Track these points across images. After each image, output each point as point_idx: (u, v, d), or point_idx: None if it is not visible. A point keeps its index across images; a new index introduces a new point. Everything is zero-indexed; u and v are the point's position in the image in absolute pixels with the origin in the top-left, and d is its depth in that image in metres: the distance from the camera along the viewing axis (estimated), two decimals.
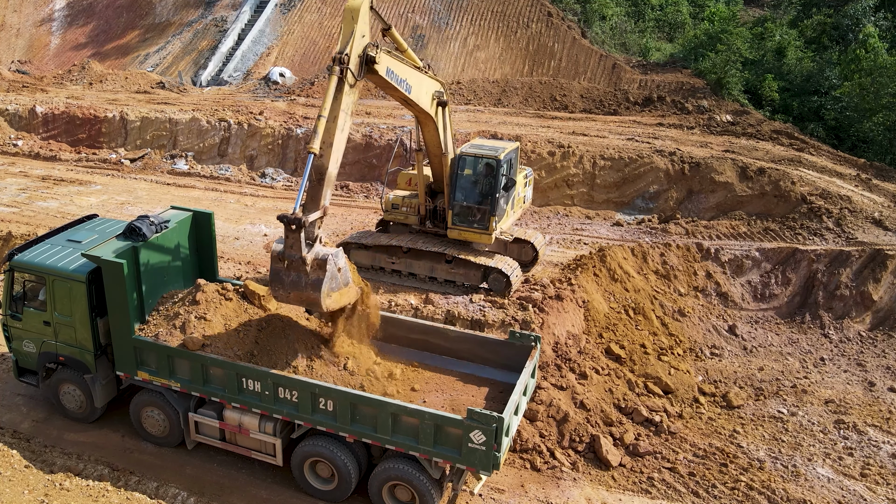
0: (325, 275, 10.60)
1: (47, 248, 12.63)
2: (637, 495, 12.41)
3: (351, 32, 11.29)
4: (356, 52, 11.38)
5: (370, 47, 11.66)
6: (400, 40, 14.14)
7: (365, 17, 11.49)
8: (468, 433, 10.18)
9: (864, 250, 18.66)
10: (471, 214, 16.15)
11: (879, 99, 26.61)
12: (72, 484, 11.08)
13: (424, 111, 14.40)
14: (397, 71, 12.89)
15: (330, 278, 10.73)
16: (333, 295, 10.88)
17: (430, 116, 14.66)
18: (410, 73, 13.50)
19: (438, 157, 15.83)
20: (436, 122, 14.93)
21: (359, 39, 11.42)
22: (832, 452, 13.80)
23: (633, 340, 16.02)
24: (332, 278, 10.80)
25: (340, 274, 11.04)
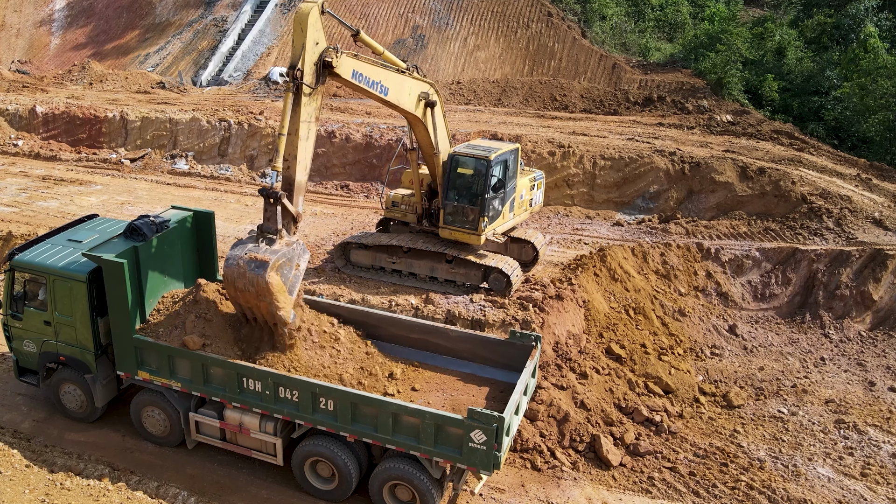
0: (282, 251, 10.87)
1: (48, 248, 12.64)
2: (637, 495, 12.41)
3: (302, 44, 11.20)
4: (310, 61, 11.27)
5: (329, 52, 11.53)
6: (373, 43, 14.01)
7: (316, 25, 11.34)
8: (469, 433, 10.18)
9: (864, 250, 18.67)
10: (462, 214, 16.10)
11: (879, 99, 26.61)
12: (72, 483, 11.08)
13: (409, 112, 14.37)
14: (367, 73, 12.81)
15: (285, 258, 10.90)
16: (277, 277, 10.77)
17: (416, 118, 14.65)
18: (386, 75, 13.40)
19: (431, 157, 15.84)
20: (424, 123, 14.90)
21: (311, 48, 11.28)
22: (832, 452, 13.81)
23: (634, 340, 16.02)
24: (288, 261, 10.97)
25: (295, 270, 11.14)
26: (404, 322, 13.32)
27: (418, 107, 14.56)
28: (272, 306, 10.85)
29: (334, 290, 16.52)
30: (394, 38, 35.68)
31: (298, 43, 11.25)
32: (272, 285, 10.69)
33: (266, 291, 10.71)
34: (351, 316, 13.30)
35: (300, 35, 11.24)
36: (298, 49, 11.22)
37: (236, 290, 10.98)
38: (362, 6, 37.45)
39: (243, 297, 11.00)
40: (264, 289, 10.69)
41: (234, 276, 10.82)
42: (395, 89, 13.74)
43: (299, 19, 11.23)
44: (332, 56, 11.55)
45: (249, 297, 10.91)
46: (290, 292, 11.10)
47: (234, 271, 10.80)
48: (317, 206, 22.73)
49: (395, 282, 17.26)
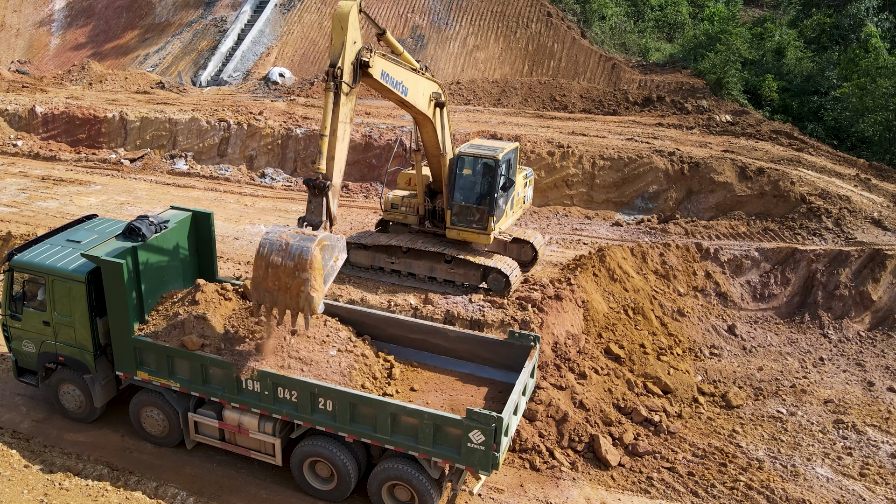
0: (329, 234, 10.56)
1: (47, 248, 12.64)
2: (636, 495, 12.42)
3: (342, 42, 11.11)
4: (349, 60, 11.23)
5: (364, 52, 11.56)
6: (395, 43, 14.12)
7: (354, 24, 11.32)
8: (467, 433, 10.19)
9: (863, 250, 18.67)
10: (469, 214, 16.17)
11: (879, 99, 26.61)
12: (71, 484, 11.09)
13: (422, 112, 14.40)
14: (392, 73, 12.86)
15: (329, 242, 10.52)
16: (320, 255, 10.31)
17: (427, 117, 14.67)
18: (406, 76, 13.49)
19: (437, 158, 15.83)
20: (434, 123, 14.93)
21: (350, 47, 11.25)
22: (831, 452, 13.81)
23: (633, 340, 16.03)
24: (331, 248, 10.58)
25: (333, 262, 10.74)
26: (403, 322, 13.32)
27: (430, 107, 14.59)
28: (307, 285, 10.20)
29: (333, 291, 16.52)
30: (394, 37, 35.68)
31: (338, 42, 11.11)
32: (315, 259, 10.16)
33: (308, 266, 10.15)
34: (350, 316, 13.30)
35: (340, 33, 11.11)
36: (338, 48, 11.08)
37: (268, 267, 10.31)
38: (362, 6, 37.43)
39: (274, 274, 10.30)
40: (306, 262, 10.13)
41: (271, 249, 10.21)
42: (413, 90, 13.80)
43: (340, 17, 11.12)
44: (367, 56, 11.53)
45: (283, 274, 10.24)
46: (325, 281, 10.57)
47: (274, 244, 10.22)
48: None
49: (394, 282, 17.27)
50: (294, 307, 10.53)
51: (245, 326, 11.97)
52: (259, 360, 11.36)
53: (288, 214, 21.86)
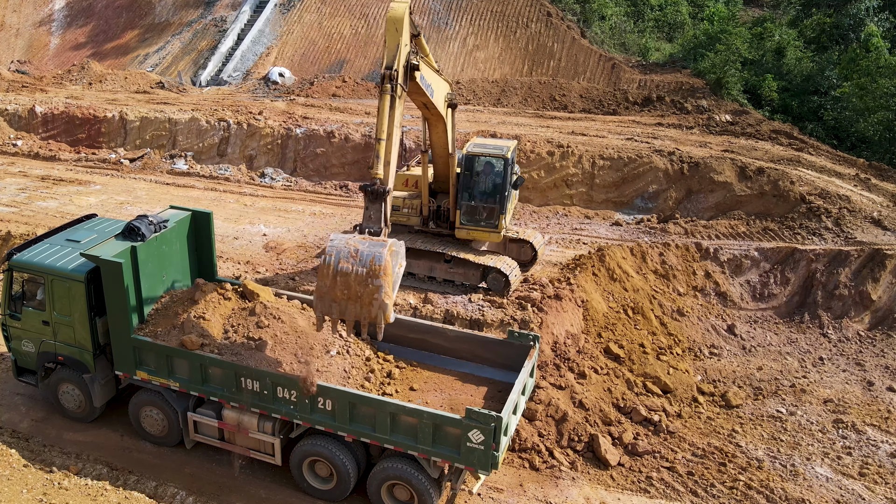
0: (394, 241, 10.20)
1: (46, 248, 12.64)
2: (636, 494, 12.42)
3: (396, 45, 10.96)
4: (402, 63, 11.10)
5: (412, 55, 11.50)
6: (425, 45, 14.02)
7: (408, 27, 11.23)
8: (467, 433, 10.19)
9: (862, 250, 18.67)
10: (479, 213, 16.22)
11: (879, 99, 26.59)
12: (70, 483, 11.08)
13: (440, 113, 14.39)
14: (427, 76, 12.90)
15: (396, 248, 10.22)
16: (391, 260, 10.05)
17: (442, 118, 14.66)
18: (434, 78, 13.57)
19: (444, 158, 15.86)
20: (446, 123, 14.96)
21: (403, 50, 11.13)
22: (831, 452, 13.81)
23: (632, 340, 16.03)
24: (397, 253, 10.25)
25: (398, 268, 10.40)
26: (403, 322, 13.31)
27: (444, 107, 14.64)
28: (381, 292, 9.90)
29: None
30: None
31: (393, 44, 10.98)
32: (388, 265, 9.90)
33: (382, 272, 9.85)
34: None
35: (395, 35, 10.97)
36: (393, 50, 10.95)
37: (336, 276, 9.95)
38: (361, 6, 37.45)
39: (343, 283, 9.94)
40: (379, 269, 9.84)
41: (339, 256, 9.90)
42: (438, 92, 13.87)
43: (395, 20, 10.98)
44: (416, 60, 11.50)
45: (354, 282, 9.91)
46: (392, 288, 10.25)
47: (342, 251, 9.92)
48: (316, 206, 22.74)
49: None
50: (366, 316, 10.13)
51: (245, 326, 11.98)
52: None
53: (287, 214, 21.86)
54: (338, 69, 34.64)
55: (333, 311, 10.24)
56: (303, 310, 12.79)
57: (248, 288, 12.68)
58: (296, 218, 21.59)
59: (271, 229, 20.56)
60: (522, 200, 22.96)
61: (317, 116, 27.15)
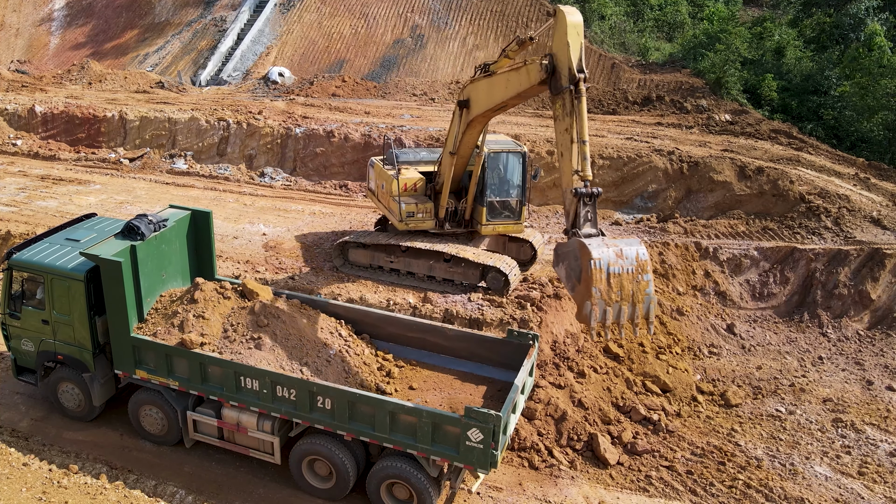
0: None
1: (46, 247, 12.65)
2: (635, 493, 12.43)
3: (579, 47, 11.11)
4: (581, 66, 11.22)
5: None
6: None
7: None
8: (466, 431, 10.20)
9: (862, 249, 18.68)
10: (505, 208, 16.73)
11: (881, 98, 26.59)
12: (70, 482, 11.10)
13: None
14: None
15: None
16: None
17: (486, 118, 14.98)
18: None
19: (465, 158, 16.19)
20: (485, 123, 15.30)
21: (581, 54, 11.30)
22: (830, 451, 13.82)
23: (632, 339, 16.03)
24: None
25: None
26: (402, 321, 13.33)
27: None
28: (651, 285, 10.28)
29: (332, 290, 16.52)
30: (393, 37, 35.70)
31: (577, 48, 11.10)
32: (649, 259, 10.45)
33: (647, 266, 10.28)
34: (349, 315, 13.31)
35: (577, 39, 11.11)
36: (578, 53, 11.09)
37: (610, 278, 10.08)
38: (361, 6, 37.47)
39: (617, 284, 10.11)
40: (646, 263, 10.26)
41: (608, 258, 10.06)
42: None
43: (577, 25, 11.12)
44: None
45: (626, 280, 10.16)
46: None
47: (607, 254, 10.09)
48: (315, 206, 22.74)
49: (393, 281, 17.26)
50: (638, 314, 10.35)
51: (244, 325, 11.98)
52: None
53: (287, 214, 21.87)
54: (337, 69, 34.66)
55: (608, 317, 10.27)
56: (302, 309, 12.80)
57: (247, 287, 12.69)
58: (295, 217, 21.59)
59: (271, 229, 20.56)
60: None
61: (316, 116, 27.16)
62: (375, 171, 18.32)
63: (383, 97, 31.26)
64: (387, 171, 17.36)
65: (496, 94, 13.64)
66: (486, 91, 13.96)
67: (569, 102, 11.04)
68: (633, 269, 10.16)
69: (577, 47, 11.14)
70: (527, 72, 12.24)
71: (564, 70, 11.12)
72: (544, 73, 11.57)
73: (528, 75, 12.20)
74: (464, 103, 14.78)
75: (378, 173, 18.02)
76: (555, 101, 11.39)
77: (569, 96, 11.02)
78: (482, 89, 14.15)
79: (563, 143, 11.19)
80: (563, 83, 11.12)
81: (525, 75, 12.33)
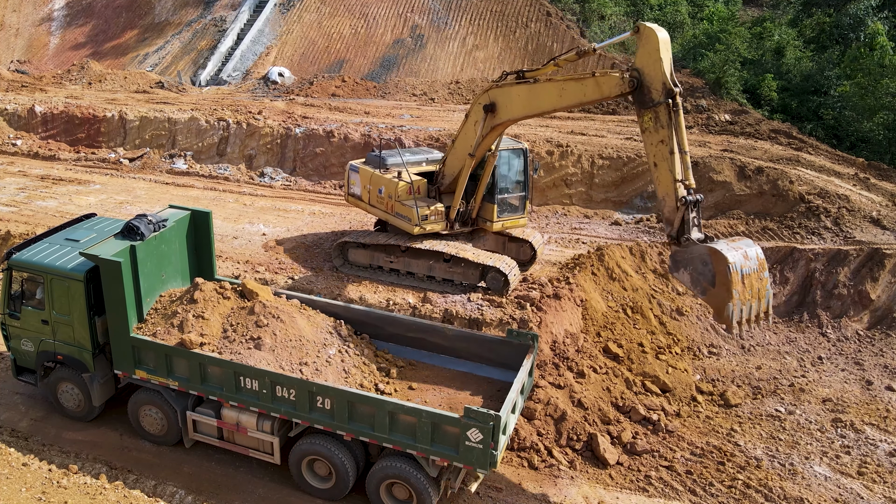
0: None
1: (46, 247, 12.65)
2: (634, 493, 12.43)
3: (670, 61, 11.44)
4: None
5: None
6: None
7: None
8: (465, 431, 10.20)
9: (862, 249, 18.68)
10: (512, 203, 17.09)
11: (881, 98, 26.58)
12: (69, 482, 11.10)
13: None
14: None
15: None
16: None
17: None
18: None
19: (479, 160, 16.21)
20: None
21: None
22: (829, 451, 13.82)
23: (631, 339, 16.03)
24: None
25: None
26: (402, 321, 13.34)
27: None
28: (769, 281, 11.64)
29: (332, 290, 16.53)
30: (392, 37, 35.70)
31: (668, 63, 11.41)
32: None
33: (764, 263, 11.32)
34: (348, 315, 13.32)
35: (667, 55, 11.46)
36: (669, 68, 11.40)
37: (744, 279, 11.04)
38: (361, 6, 37.47)
39: (748, 283, 11.11)
40: (764, 262, 11.32)
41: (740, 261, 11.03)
42: None
43: (666, 42, 11.47)
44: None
45: (754, 280, 11.16)
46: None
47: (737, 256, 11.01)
48: (315, 206, 22.75)
49: (392, 281, 17.27)
50: (761, 308, 11.42)
51: (244, 325, 11.98)
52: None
53: (287, 214, 21.88)
54: (337, 69, 34.66)
55: (742, 314, 11.26)
56: (302, 309, 12.80)
57: (247, 287, 12.69)
58: (295, 217, 21.60)
59: (270, 229, 20.57)
60: None
61: (316, 116, 27.17)
62: (364, 175, 17.75)
63: (383, 97, 31.27)
64: (384, 176, 17.10)
65: (542, 102, 13.63)
66: (526, 98, 13.90)
67: (665, 115, 11.37)
68: (757, 268, 11.16)
69: (668, 62, 11.40)
70: (596, 83, 12.36)
71: (657, 84, 11.37)
72: (627, 87, 11.74)
73: (599, 87, 12.33)
74: (489, 107, 14.61)
75: (371, 178, 17.45)
76: (643, 114, 11.63)
77: (664, 109, 11.35)
78: (519, 95, 14.04)
79: (659, 154, 11.54)
80: (655, 97, 11.41)
81: (594, 87, 12.43)
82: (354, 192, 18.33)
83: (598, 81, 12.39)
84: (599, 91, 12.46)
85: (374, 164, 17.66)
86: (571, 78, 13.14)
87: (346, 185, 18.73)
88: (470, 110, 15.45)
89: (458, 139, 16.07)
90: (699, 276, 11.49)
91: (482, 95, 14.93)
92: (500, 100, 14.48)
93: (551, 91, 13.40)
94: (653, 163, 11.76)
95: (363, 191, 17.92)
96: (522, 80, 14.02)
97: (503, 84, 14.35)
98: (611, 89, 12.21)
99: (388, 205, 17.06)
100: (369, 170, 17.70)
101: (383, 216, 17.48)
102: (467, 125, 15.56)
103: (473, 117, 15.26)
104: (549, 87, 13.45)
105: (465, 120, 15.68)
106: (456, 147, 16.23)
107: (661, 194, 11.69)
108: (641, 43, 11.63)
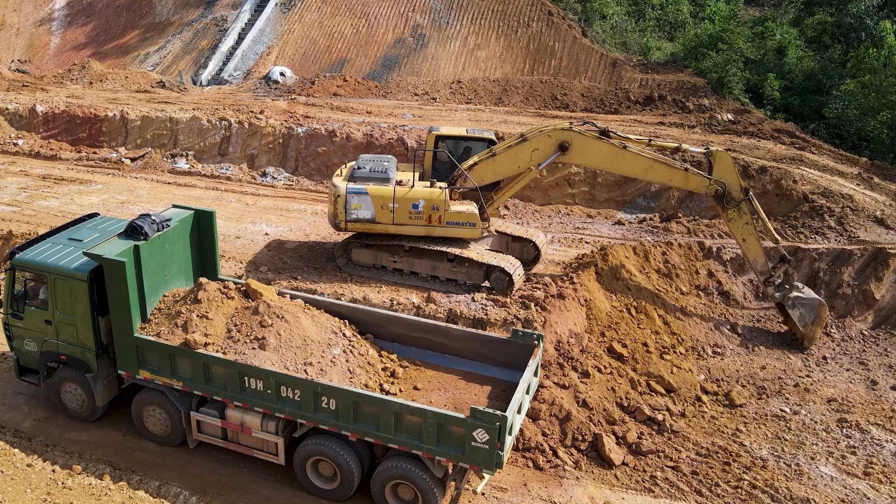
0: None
1: (48, 247, 12.60)
2: (640, 494, 12.39)
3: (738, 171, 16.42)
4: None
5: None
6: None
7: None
8: (471, 432, 10.16)
9: (865, 249, 18.64)
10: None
11: (885, 97, 26.52)
12: (74, 482, 11.06)
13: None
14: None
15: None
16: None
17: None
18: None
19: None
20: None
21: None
22: (835, 451, 13.78)
23: (636, 339, 16.00)
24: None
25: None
26: (406, 321, 13.29)
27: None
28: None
29: (336, 289, 16.48)
30: (394, 37, 35.65)
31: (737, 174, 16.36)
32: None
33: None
34: (352, 314, 13.28)
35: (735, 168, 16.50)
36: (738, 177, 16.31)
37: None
38: (362, 5, 37.41)
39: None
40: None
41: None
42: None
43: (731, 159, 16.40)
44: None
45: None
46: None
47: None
48: (318, 205, 22.70)
49: (396, 280, 17.22)
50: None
51: (248, 325, 11.94)
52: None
53: (289, 213, 21.83)
54: (339, 68, 34.61)
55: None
56: (306, 309, 12.76)
57: (251, 287, 12.64)
58: (298, 217, 21.55)
59: (273, 228, 20.52)
60: (525, 199, 22.94)
61: (318, 115, 27.12)
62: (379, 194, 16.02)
63: (385, 97, 31.21)
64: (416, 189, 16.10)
65: (625, 168, 16.05)
66: (609, 157, 15.90)
67: (747, 207, 16.11)
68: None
69: (737, 173, 16.18)
70: (686, 178, 16.06)
71: (736, 189, 16.07)
72: (711, 192, 16.05)
73: (687, 181, 16.11)
74: (564, 147, 15.86)
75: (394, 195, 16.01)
76: (726, 209, 16.10)
77: (745, 204, 16.10)
78: (601, 151, 15.84)
79: (746, 231, 16.33)
80: (737, 197, 16.05)
81: (682, 179, 16.11)
82: (361, 217, 16.23)
83: (688, 177, 15.97)
84: (685, 184, 16.14)
85: (378, 181, 16.23)
86: (665, 162, 16.00)
87: (337, 211, 16.24)
88: (532, 136, 16.07)
89: (504, 155, 16.26)
90: (805, 316, 16.73)
91: (555, 132, 15.89)
92: (576, 144, 15.86)
93: (638, 163, 15.86)
94: (741, 238, 16.35)
95: (379, 212, 16.11)
96: (606, 137, 15.84)
97: (585, 133, 15.82)
98: (696, 187, 16.14)
99: (434, 217, 15.98)
100: (386, 188, 16.09)
101: (425, 232, 16.25)
102: (523, 148, 16.09)
103: (535, 144, 16.00)
104: (638, 160, 15.84)
105: (520, 141, 16.15)
106: (497, 160, 16.28)
107: (753, 257, 16.55)
108: (717, 162, 16.00)
